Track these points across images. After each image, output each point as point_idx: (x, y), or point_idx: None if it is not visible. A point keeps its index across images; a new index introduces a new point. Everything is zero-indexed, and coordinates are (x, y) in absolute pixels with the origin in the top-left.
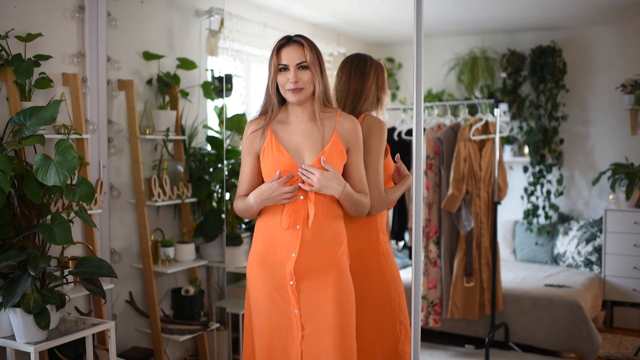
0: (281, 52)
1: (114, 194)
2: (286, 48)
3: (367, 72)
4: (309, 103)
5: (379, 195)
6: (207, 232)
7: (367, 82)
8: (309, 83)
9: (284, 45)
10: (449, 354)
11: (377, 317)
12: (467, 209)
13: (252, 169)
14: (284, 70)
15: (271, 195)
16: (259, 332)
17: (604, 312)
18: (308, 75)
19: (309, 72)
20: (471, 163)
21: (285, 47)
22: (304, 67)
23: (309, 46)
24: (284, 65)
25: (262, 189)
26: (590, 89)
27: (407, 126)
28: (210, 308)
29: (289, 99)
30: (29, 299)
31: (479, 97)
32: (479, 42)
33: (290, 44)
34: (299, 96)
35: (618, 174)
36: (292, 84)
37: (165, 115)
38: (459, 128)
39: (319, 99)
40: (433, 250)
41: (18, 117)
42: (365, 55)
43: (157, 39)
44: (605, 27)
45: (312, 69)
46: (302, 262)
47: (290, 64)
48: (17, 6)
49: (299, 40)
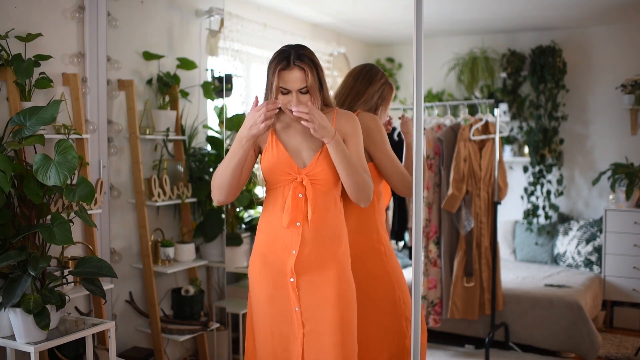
0: (282, 75)
1: (114, 194)
2: (287, 73)
3: (374, 79)
4: None
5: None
6: (207, 232)
7: (371, 87)
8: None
9: (284, 69)
10: (449, 354)
11: (382, 315)
12: (467, 209)
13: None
14: (285, 93)
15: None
16: (260, 330)
17: (604, 312)
18: (309, 97)
19: (310, 94)
20: (471, 163)
21: (286, 71)
22: (305, 92)
23: (310, 70)
24: (285, 90)
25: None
26: (590, 89)
27: None
28: (210, 308)
29: (291, 116)
30: (29, 299)
31: (479, 97)
32: (479, 42)
33: (291, 68)
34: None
35: (618, 174)
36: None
37: (165, 115)
38: (459, 128)
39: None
40: (433, 250)
41: (18, 117)
42: (379, 68)
43: (157, 39)
44: (605, 27)
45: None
46: (303, 259)
47: (292, 90)
48: (17, 6)
49: (300, 65)
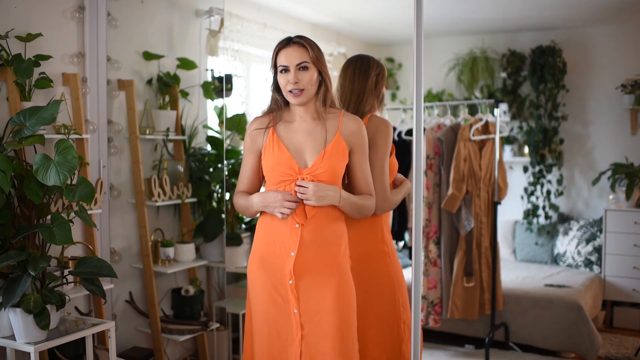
0: (281, 53)
1: (114, 194)
2: (286, 49)
3: (369, 73)
4: (312, 103)
5: (384, 195)
6: (207, 232)
7: (369, 82)
8: (309, 84)
9: (284, 47)
10: (449, 354)
11: (381, 317)
12: (467, 209)
13: (253, 166)
14: (284, 72)
15: (272, 204)
16: (259, 332)
17: (604, 312)
18: (308, 75)
19: (309, 72)
20: (471, 163)
21: (285, 48)
22: (304, 67)
23: (310, 46)
24: (284, 67)
25: (267, 195)
26: (590, 89)
27: (407, 126)
28: (210, 308)
29: (291, 101)
30: (29, 299)
31: (479, 97)
32: (479, 42)
33: (290, 45)
34: (300, 99)
35: (618, 174)
36: (293, 85)
37: (165, 115)
38: (459, 128)
39: (321, 98)
40: (433, 250)
41: (18, 117)
42: (368, 56)
43: (157, 39)
44: (605, 27)
45: (314, 67)
46: (301, 261)
47: (290, 65)
48: (17, 6)
49: (299, 41)
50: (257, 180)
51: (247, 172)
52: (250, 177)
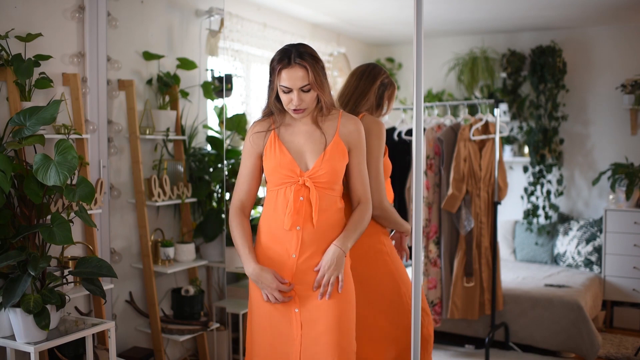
0: (283, 73)
1: (114, 194)
2: (288, 70)
3: (378, 78)
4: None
5: (380, 200)
6: (207, 232)
7: (374, 86)
8: (312, 102)
9: (285, 67)
10: (449, 354)
11: (390, 310)
12: (467, 209)
13: (252, 170)
14: (287, 92)
15: (264, 284)
16: (259, 331)
17: (604, 312)
18: (310, 96)
19: (310, 93)
20: (471, 163)
21: (287, 69)
22: (307, 90)
23: (312, 67)
24: (287, 88)
25: (264, 273)
26: (590, 89)
27: (407, 126)
28: (210, 308)
29: (293, 116)
30: (29, 299)
31: (479, 97)
32: (479, 42)
33: (292, 65)
34: (302, 115)
35: (618, 174)
36: (296, 105)
37: (165, 115)
38: (459, 128)
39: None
40: (433, 250)
41: (18, 117)
42: (381, 67)
43: (157, 39)
44: (605, 27)
45: (315, 89)
46: (302, 262)
47: (294, 88)
48: (17, 6)
49: (301, 62)
50: (255, 186)
51: (245, 177)
52: (248, 183)
